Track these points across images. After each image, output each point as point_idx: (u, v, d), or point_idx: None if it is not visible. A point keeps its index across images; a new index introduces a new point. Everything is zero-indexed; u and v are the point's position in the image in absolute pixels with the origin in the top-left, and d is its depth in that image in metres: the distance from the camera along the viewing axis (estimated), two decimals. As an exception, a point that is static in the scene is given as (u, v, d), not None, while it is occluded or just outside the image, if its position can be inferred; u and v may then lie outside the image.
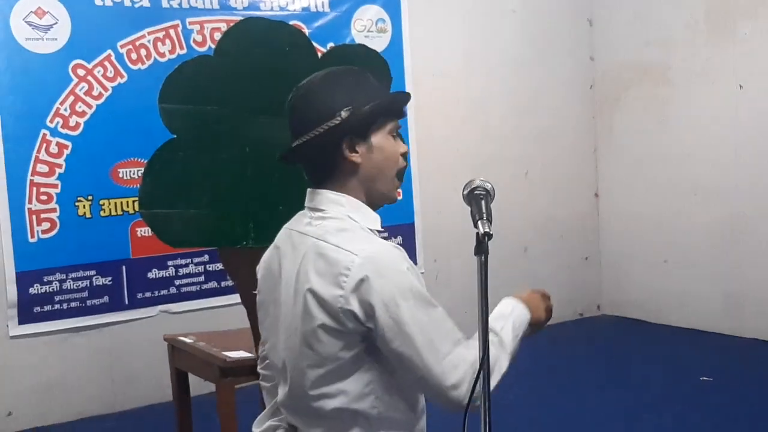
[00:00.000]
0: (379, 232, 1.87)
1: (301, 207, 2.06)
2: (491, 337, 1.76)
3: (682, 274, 6.34)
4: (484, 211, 1.65)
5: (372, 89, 1.89)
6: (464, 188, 1.75)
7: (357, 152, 1.84)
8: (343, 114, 1.80)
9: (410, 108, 5.96)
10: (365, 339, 1.75)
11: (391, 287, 1.71)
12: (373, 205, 1.90)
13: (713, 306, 6.10)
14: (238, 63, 2.95)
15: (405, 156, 1.92)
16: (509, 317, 1.89)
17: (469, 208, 1.68)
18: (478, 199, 1.68)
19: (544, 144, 6.77)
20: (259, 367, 2.15)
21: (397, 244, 1.87)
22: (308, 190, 1.92)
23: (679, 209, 6.32)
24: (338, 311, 1.72)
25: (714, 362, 5.41)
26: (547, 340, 6.29)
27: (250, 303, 2.90)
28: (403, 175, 1.92)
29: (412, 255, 6.07)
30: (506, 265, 6.34)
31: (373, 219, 1.87)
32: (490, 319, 1.77)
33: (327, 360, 1.76)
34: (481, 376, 1.54)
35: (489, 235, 1.57)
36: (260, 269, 2.03)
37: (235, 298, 3.43)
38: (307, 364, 1.79)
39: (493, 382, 1.72)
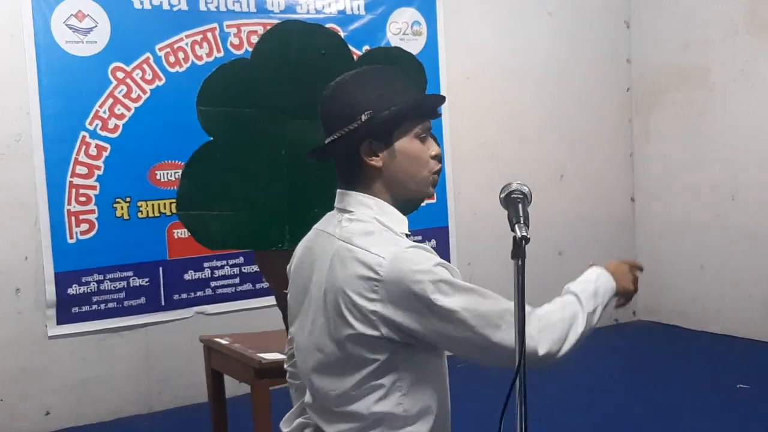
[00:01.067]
0: (406, 235, 1.85)
1: None
2: (571, 298, 1.83)
3: (719, 279, 6.26)
4: (521, 214, 1.63)
5: (400, 91, 1.85)
6: (501, 191, 1.73)
7: (378, 156, 1.82)
8: (363, 118, 1.79)
9: (445, 111, 5.96)
10: (396, 342, 1.73)
11: (426, 284, 1.69)
12: (403, 206, 1.88)
13: (751, 312, 6.01)
14: (275, 66, 2.96)
15: (438, 158, 1.88)
16: (593, 282, 1.92)
17: (506, 212, 1.67)
18: (515, 203, 1.67)
19: (581, 147, 6.72)
20: (286, 364, 2.16)
21: (431, 247, 1.85)
22: (338, 191, 1.91)
23: (716, 214, 6.24)
24: (371, 316, 1.70)
25: (752, 369, 5.33)
26: (582, 346, 6.26)
27: (284, 305, 2.91)
28: (438, 175, 1.90)
29: (446, 258, 6.00)
30: (541, 268, 6.28)
31: (399, 221, 1.85)
32: (573, 285, 1.87)
33: (356, 364, 1.75)
34: (516, 381, 1.53)
35: (526, 239, 1.56)
36: (291, 269, 2.03)
37: (270, 300, 3.44)
38: (335, 366, 1.79)
39: (568, 344, 1.79)
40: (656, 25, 6.73)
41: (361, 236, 1.77)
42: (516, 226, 1.60)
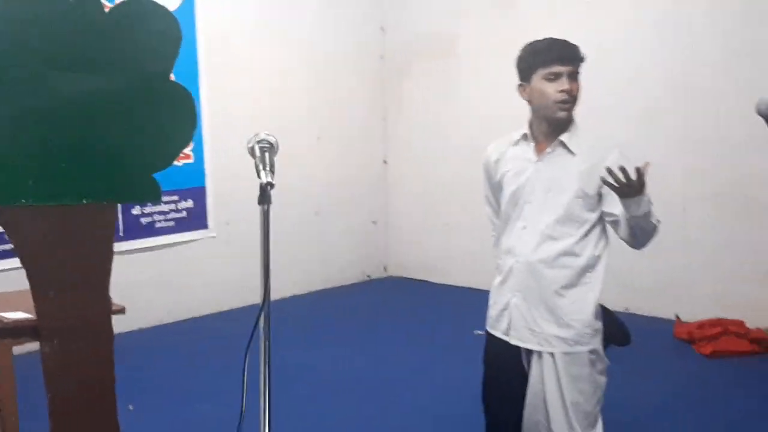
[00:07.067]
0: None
1: (88, 163, 1.97)
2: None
3: (462, 236, 6.73)
4: (267, 162, 1.72)
5: None
6: (249, 141, 1.81)
7: None
8: None
9: (202, 69, 5.90)
10: None
11: None
12: None
13: (490, 265, 6.50)
14: (21, 13, 2.80)
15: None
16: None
17: (254, 161, 1.75)
18: (262, 152, 1.75)
19: (337, 111, 6.92)
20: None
21: (188, 207, 1.87)
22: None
23: (461, 175, 6.66)
24: None
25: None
26: (336, 301, 6.51)
27: (30, 263, 2.80)
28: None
29: (204, 218, 6.03)
30: (298, 228, 6.46)
31: None
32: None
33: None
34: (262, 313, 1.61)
35: (271, 185, 1.65)
36: None
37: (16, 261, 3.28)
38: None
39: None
40: (408, -5, 7.04)
41: None
42: (262, 172, 1.68)
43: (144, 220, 5.66)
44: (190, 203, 5.90)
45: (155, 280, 5.78)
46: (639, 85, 5.69)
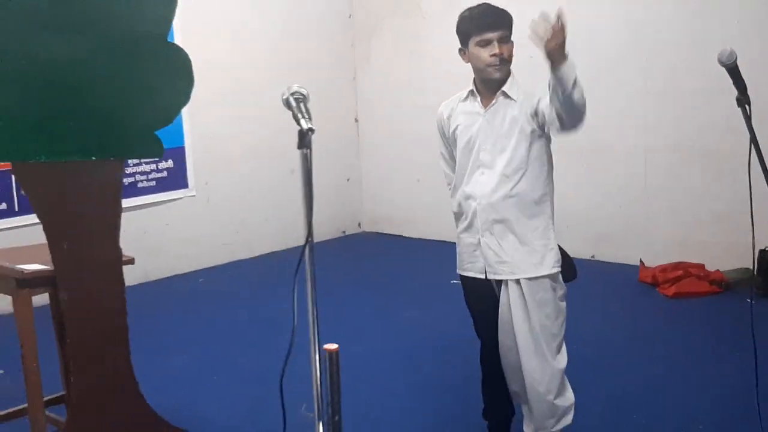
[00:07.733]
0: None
1: (93, 122, 2.07)
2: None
3: (433, 191, 6.92)
4: (304, 110, 1.90)
5: None
6: (283, 94, 1.99)
7: None
8: None
9: (178, 33, 5.97)
10: None
11: None
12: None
13: (461, 219, 6.76)
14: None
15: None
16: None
17: (290, 111, 1.93)
18: (297, 102, 1.94)
19: (308, 70, 7.03)
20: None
21: (168, 168, 1.99)
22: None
23: (430, 131, 6.79)
24: None
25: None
26: (313, 257, 6.69)
27: (45, 216, 2.95)
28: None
29: (183, 179, 6.16)
30: (274, 186, 6.61)
31: None
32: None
33: None
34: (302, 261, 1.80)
35: (312, 130, 1.83)
36: None
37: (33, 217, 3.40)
38: None
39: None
40: (375, -45, 7.15)
41: None
42: (301, 120, 1.86)
43: (126, 180, 5.78)
44: (170, 163, 6.02)
45: (137, 239, 5.90)
46: (599, 39, 5.90)
